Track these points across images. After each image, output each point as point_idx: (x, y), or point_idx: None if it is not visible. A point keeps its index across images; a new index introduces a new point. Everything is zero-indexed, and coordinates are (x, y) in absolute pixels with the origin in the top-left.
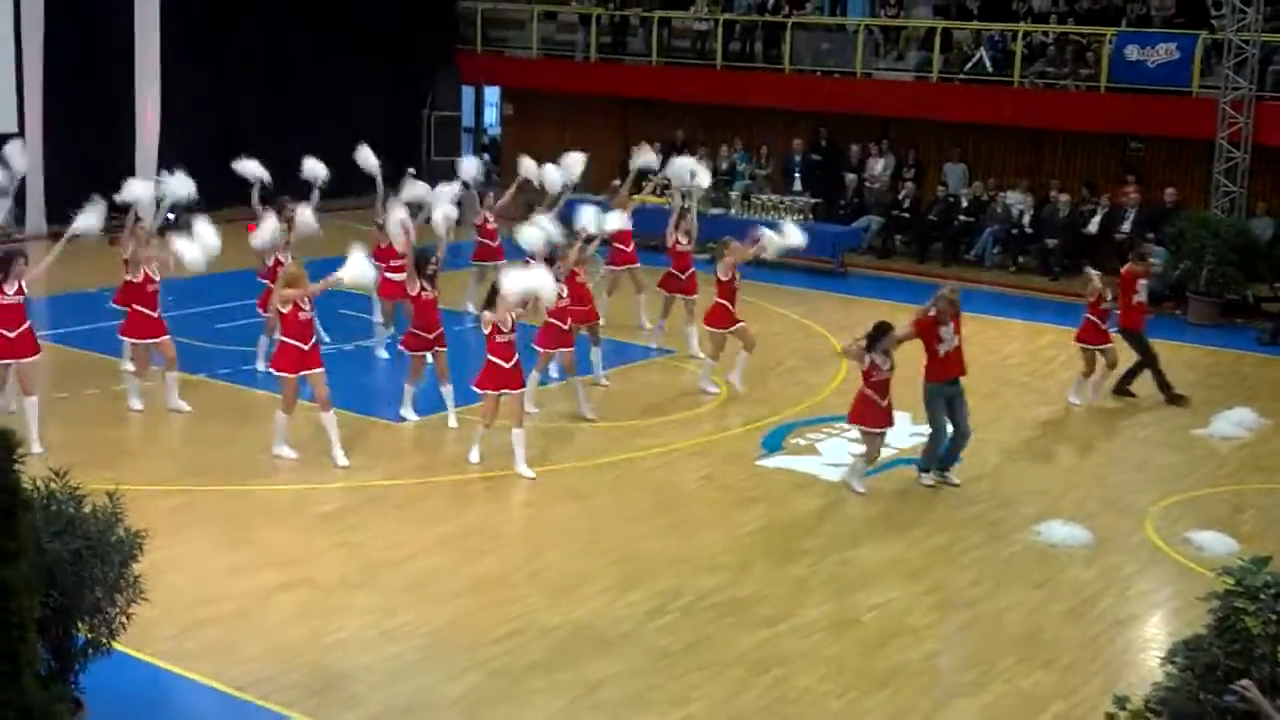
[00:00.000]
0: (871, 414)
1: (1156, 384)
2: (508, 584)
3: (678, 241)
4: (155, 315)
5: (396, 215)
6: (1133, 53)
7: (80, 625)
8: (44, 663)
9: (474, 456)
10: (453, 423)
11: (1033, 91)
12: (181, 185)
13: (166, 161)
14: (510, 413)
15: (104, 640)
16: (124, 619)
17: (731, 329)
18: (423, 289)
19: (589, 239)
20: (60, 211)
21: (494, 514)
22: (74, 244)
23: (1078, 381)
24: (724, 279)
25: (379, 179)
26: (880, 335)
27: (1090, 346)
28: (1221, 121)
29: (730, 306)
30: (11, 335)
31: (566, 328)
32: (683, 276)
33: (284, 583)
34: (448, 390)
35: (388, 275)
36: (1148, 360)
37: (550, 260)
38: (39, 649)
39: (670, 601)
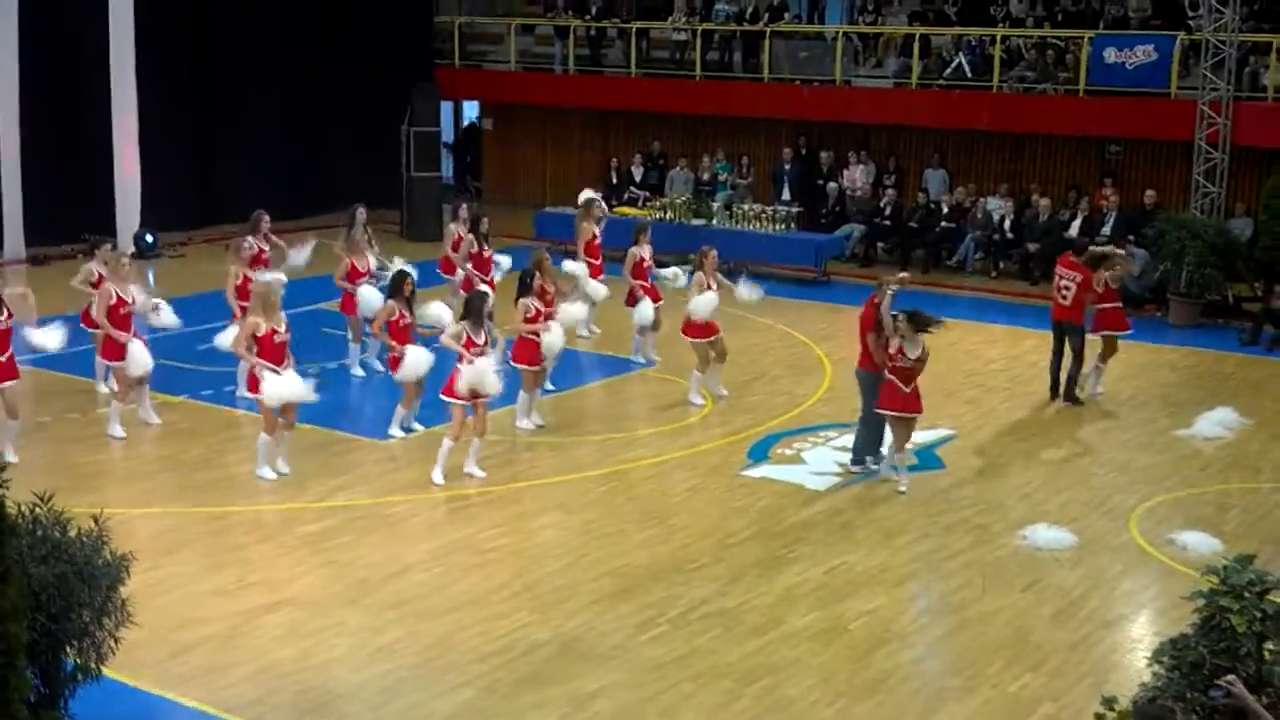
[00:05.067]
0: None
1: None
2: (497, 599)
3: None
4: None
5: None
6: (1111, 55)
7: (69, 650)
8: (33, 689)
9: (439, 477)
10: (396, 432)
11: (1012, 96)
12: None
13: (144, 182)
14: (478, 422)
15: (93, 665)
16: (112, 643)
17: (710, 339)
18: (401, 312)
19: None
20: (38, 234)
21: (481, 529)
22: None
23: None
24: (708, 288)
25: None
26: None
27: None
28: (1200, 122)
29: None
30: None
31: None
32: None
33: (272, 603)
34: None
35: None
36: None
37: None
38: (28, 675)
39: (660, 613)
